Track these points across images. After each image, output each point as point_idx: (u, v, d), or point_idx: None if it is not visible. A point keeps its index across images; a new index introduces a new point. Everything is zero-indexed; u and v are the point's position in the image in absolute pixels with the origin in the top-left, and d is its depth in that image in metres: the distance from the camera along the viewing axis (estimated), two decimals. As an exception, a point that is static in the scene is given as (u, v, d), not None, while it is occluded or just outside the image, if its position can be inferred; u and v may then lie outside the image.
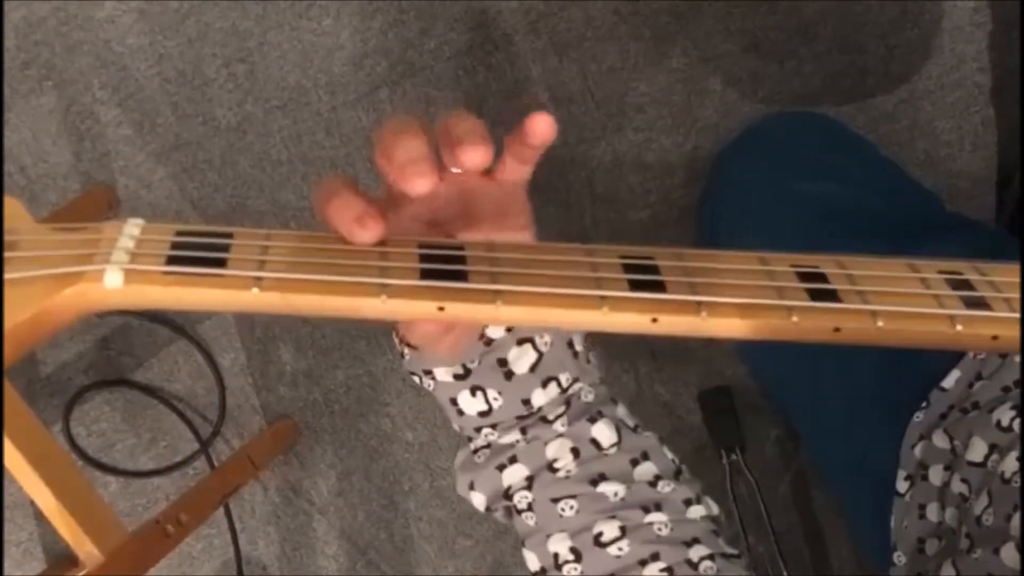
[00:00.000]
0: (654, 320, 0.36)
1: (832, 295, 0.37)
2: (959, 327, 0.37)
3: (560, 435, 0.53)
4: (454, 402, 0.53)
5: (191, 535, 1.09)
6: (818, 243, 0.80)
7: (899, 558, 0.71)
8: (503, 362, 0.51)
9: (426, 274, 0.36)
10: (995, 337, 0.37)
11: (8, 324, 0.33)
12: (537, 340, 0.52)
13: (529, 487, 0.54)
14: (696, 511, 0.55)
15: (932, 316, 0.37)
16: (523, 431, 0.53)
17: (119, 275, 0.34)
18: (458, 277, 0.36)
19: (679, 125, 1.27)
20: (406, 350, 0.52)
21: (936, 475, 0.69)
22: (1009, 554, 0.55)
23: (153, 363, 1.32)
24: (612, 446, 0.54)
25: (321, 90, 1.29)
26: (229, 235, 0.37)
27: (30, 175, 1.31)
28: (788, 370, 0.83)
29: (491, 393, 0.52)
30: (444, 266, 0.37)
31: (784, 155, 0.87)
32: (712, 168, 0.91)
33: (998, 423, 0.64)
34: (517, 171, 0.47)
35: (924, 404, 0.73)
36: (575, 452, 0.53)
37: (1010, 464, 0.61)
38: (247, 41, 1.29)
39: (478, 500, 0.56)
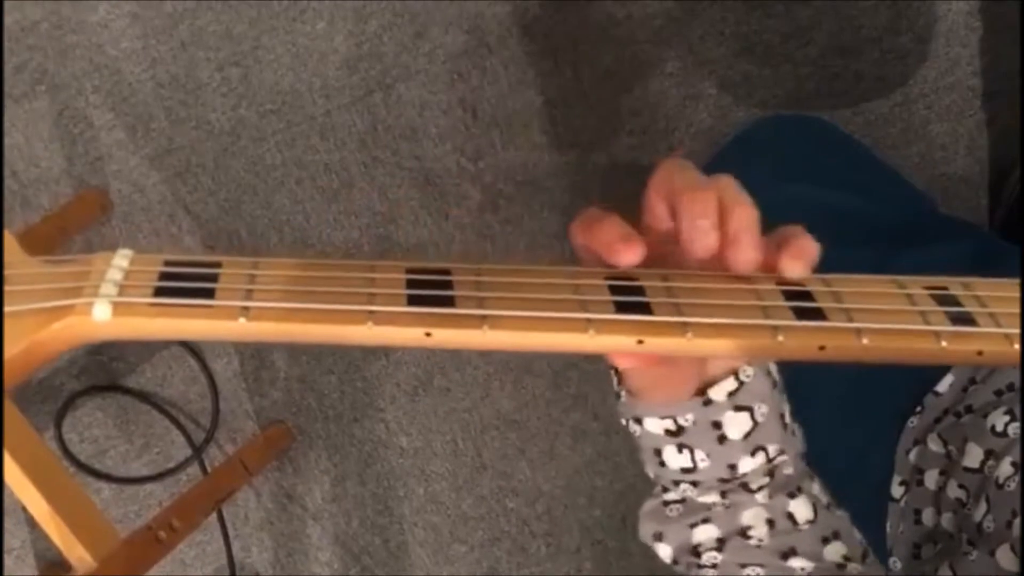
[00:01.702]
0: (640, 342, 0.36)
1: (818, 313, 0.37)
2: (944, 343, 0.37)
3: (759, 505, 0.54)
4: (658, 452, 0.53)
5: (184, 542, 1.09)
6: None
7: (895, 563, 0.71)
8: (717, 425, 0.51)
9: (413, 300, 0.36)
10: (980, 352, 0.37)
11: (-2, 359, 0.33)
12: (756, 410, 0.51)
13: (720, 549, 0.54)
14: None
15: (917, 333, 0.37)
16: (723, 495, 0.53)
17: (107, 308, 0.35)
18: (445, 302, 0.36)
19: (673, 128, 1.27)
20: (623, 394, 0.53)
21: (931, 480, 0.69)
22: (1005, 555, 0.55)
23: (146, 368, 1.31)
24: (807, 523, 0.54)
25: (315, 94, 1.29)
26: (217, 264, 0.37)
27: (22, 179, 1.30)
28: (781, 375, 0.83)
29: (699, 454, 0.52)
30: (431, 291, 0.37)
31: (779, 159, 0.87)
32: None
33: (992, 428, 0.64)
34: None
35: (918, 409, 0.73)
36: (770, 523, 0.53)
37: (1005, 469, 0.61)
38: (241, 45, 1.29)
39: (665, 552, 0.56)
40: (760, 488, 0.53)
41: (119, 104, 1.30)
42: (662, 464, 0.53)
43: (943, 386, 0.73)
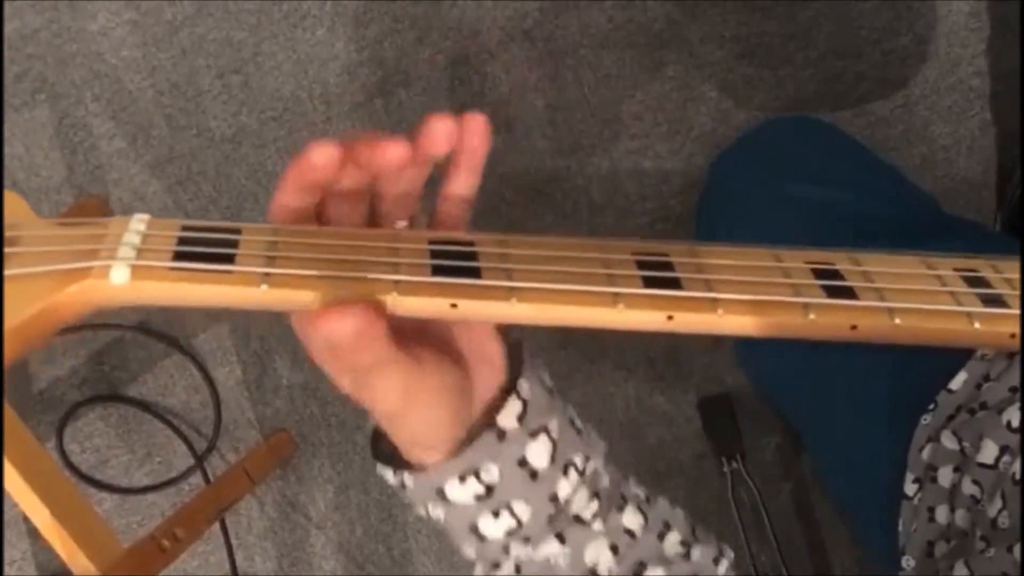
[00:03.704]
0: (670, 317, 0.35)
1: (849, 292, 0.37)
2: (977, 325, 0.36)
3: (597, 534, 0.49)
4: (474, 529, 0.46)
5: (187, 552, 1.08)
6: (817, 248, 0.79)
7: (907, 562, 0.70)
8: (523, 462, 0.46)
9: (437, 271, 0.35)
10: (1013, 335, 0.37)
11: (13, 321, 0.32)
12: (550, 425, 0.47)
13: None
14: (723, 566, 0.53)
15: (950, 314, 0.37)
16: (560, 537, 0.48)
17: (126, 271, 0.34)
18: (471, 273, 0.35)
19: (675, 132, 1.27)
20: (406, 475, 0.46)
21: (945, 477, 0.68)
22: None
23: (147, 378, 1.30)
24: (642, 529, 0.51)
25: (316, 100, 1.29)
26: (237, 231, 0.36)
27: (23, 188, 1.30)
28: (791, 375, 0.82)
29: (518, 506, 0.46)
30: (456, 262, 0.36)
31: (781, 160, 0.86)
32: (709, 174, 0.91)
33: (1008, 424, 0.63)
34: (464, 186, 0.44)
35: (931, 406, 0.73)
36: (614, 549, 0.49)
37: (1020, 465, 0.60)
38: (241, 52, 1.29)
39: None
40: (595, 516, 0.49)
41: (119, 112, 1.29)
42: (482, 539, 0.46)
43: (956, 383, 0.72)
